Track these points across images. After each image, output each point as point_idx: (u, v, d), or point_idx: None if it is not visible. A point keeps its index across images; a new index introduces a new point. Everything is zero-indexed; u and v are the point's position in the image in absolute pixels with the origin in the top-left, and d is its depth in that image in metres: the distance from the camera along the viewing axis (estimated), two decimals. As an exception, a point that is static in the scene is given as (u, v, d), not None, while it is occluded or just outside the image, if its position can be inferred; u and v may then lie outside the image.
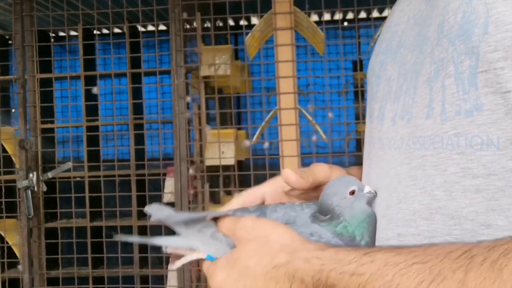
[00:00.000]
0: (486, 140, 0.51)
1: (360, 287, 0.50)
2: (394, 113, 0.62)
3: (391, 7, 3.05)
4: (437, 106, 0.55)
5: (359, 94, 3.15)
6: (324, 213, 0.65)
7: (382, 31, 0.73)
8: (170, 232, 0.73)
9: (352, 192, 0.65)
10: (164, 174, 2.79)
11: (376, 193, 0.65)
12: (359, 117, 3.40)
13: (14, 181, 2.87)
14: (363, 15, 3.67)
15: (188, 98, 2.66)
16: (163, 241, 0.74)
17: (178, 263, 0.73)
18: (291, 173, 0.71)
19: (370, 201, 0.65)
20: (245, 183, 2.99)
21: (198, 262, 2.74)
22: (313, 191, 0.74)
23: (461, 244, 0.48)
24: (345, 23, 3.90)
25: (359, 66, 3.36)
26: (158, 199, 2.86)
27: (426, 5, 0.62)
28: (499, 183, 0.50)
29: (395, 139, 0.61)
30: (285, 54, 2.60)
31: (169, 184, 2.75)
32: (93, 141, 3.06)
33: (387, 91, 0.65)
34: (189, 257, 0.71)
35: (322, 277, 0.53)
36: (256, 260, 0.59)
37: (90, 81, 3.14)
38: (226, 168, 2.74)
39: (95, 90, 2.99)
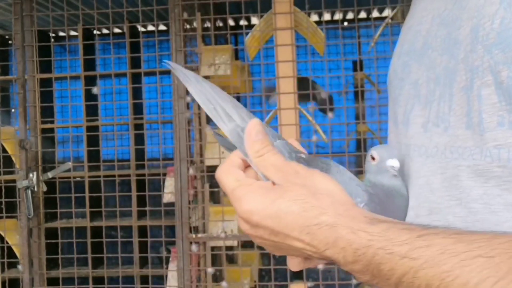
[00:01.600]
0: None
1: (411, 272, 0.47)
2: (426, 119, 0.59)
3: (391, 7, 3.06)
4: (475, 116, 0.52)
5: (359, 94, 3.15)
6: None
7: (403, 31, 0.70)
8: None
9: (373, 158, 0.62)
10: (164, 174, 2.79)
11: (397, 171, 0.60)
12: (359, 117, 3.40)
13: (14, 181, 2.86)
14: (363, 15, 3.67)
15: (188, 98, 2.66)
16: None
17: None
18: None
19: (393, 177, 0.61)
20: (245, 183, 2.98)
21: (198, 262, 2.74)
22: None
23: None
24: (345, 23, 3.90)
25: (359, 66, 3.36)
26: (158, 199, 2.86)
27: (453, 4, 0.57)
28: None
29: (427, 146, 0.58)
30: (285, 54, 2.60)
31: (169, 184, 2.75)
32: (93, 141, 3.06)
33: (414, 95, 0.62)
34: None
35: (367, 252, 0.49)
36: (301, 208, 0.54)
37: (90, 81, 3.14)
38: (226, 168, 2.73)
39: (95, 90, 2.99)
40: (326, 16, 3.73)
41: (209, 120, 2.93)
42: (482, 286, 0.43)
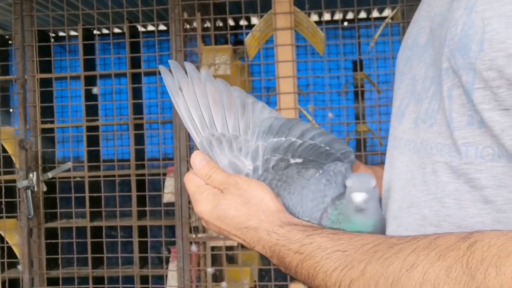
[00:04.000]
0: (497, 152, 0.50)
1: (300, 264, 0.60)
2: (417, 115, 0.61)
3: (391, 7, 3.06)
4: (449, 115, 0.54)
5: (359, 94, 3.16)
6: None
7: (410, 24, 0.71)
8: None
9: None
10: (164, 174, 2.79)
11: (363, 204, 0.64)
12: (359, 117, 3.40)
13: (14, 181, 2.87)
14: (363, 15, 3.68)
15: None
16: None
17: None
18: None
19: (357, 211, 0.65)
20: (245, 183, 2.99)
21: (198, 262, 2.75)
22: None
23: (378, 237, 0.57)
24: (345, 23, 3.90)
25: (359, 66, 3.36)
26: (158, 199, 2.86)
27: (450, 4, 0.58)
28: (509, 195, 0.50)
29: (415, 142, 0.61)
30: (285, 54, 2.60)
31: (169, 184, 2.75)
32: (93, 141, 3.06)
33: (411, 91, 0.64)
34: None
35: (276, 249, 0.64)
36: (235, 214, 0.69)
37: (90, 81, 3.14)
38: (226, 168, 2.73)
39: (95, 90, 2.99)
40: (326, 16, 3.73)
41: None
42: (334, 272, 0.55)
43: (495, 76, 0.48)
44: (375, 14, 3.59)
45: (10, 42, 3.69)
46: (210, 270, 2.69)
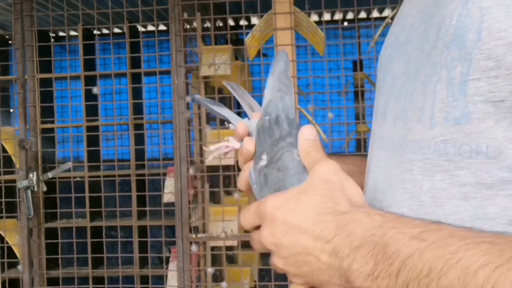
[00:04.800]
0: (475, 149, 0.50)
1: (416, 254, 0.47)
2: (396, 113, 0.61)
3: (391, 7, 3.06)
4: (427, 111, 0.54)
5: (359, 94, 3.16)
6: None
7: (393, 24, 0.71)
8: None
9: None
10: (164, 174, 2.79)
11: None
12: (359, 117, 3.40)
13: (14, 181, 2.87)
14: (363, 15, 3.68)
15: (188, 98, 2.66)
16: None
17: (213, 149, 0.83)
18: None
19: None
20: (245, 183, 2.98)
21: (198, 262, 2.74)
22: None
23: None
24: (345, 23, 3.90)
25: (359, 66, 3.36)
26: (158, 199, 2.86)
27: (433, 1, 0.59)
28: (487, 191, 0.50)
29: (393, 139, 0.60)
30: (285, 54, 2.59)
31: (169, 184, 2.75)
32: (93, 141, 3.06)
33: (392, 88, 0.64)
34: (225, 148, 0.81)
35: (377, 233, 0.51)
36: (320, 200, 0.57)
37: (90, 81, 3.14)
38: (226, 168, 2.74)
39: (95, 90, 2.99)
40: (326, 16, 3.73)
41: (209, 120, 2.93)
42: (482, 270, 0.43)
43: (493, 66, 0.48)
44: (375, 14, 3.59)
45: (10, 42, 3.69)
46: (210, 270, 2.69)
